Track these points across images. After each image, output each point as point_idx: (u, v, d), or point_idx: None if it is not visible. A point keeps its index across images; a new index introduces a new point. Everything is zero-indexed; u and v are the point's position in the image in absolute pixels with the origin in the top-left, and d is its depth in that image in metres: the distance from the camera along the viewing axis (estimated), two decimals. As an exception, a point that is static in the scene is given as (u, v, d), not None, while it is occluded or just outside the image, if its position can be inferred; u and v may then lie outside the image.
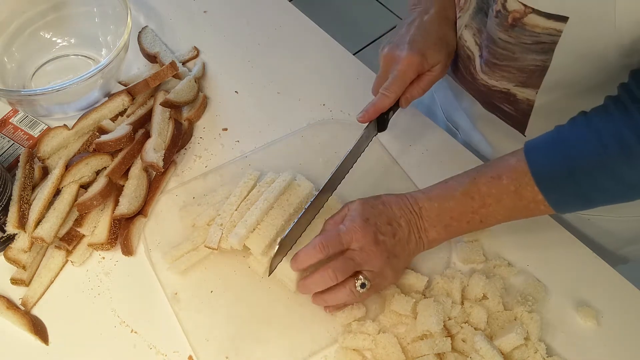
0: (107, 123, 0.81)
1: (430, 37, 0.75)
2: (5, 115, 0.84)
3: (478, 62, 0.74)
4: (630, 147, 0.56)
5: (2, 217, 0.71)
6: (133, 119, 0.81)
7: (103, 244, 0.73)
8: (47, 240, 0.70)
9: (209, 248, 0.70)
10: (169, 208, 0.78)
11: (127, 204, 0.74)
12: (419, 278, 0.70)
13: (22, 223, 0.70)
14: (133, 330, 0.69)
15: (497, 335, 0.66)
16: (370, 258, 0.65)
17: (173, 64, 0.83)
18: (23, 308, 0.70)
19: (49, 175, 0.75)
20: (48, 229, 0.70)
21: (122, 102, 0.82)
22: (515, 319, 0.68)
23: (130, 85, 0.83)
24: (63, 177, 0.75)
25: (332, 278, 0.64)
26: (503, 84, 0.73)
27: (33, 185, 0.75)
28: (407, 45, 0.73)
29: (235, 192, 0.73)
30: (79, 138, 0.81)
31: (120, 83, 0.88)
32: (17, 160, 0.77)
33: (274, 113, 0.88)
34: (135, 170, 0.78)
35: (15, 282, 0.71)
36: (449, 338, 0.65)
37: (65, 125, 0.81)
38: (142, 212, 0.76)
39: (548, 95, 0.70)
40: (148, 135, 0.80)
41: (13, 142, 0.81)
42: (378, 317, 0.69)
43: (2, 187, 0.70)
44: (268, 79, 0.92)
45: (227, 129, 0.86)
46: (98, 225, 0.74)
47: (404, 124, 0.86)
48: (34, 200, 0.72)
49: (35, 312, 0.70)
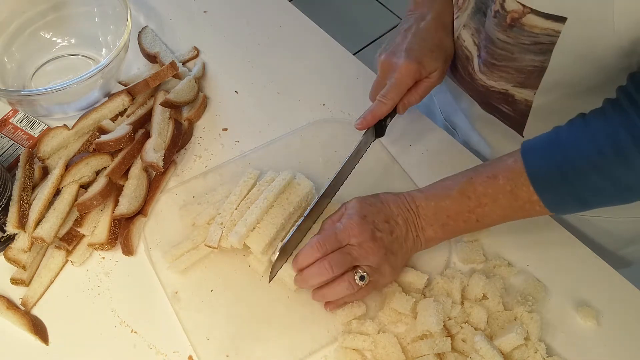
0: (107, 123, 0.81)
1: (427, 44, 0.75)
2: (5, 115, 0.84)
3: (476, 62, 0.74)
4: (626, 149, 0.56)
5: (2, 217, 0.71)
6: (133, 119, 0.81)
7: (103, 244, 0.73)
8: (47, 240, 0.70)
9: (209, 247, 0.70)
10: (169, 207, 0.78)
11: (127, 204, 0.74)
12: (419, 276, 0.70)
13: (22, 223, 0.70)
14: (133, 330, 0.69)
15: (497, 335, 0.66)
16: (368, 254, 0.65)
17: (173, 64, 0.83)
18: (23, 308, 0.70)
19: (49, 175, 0.75)
20: (48, 229, 0.70)
21: (122, 102, 0.82)
22: (515, 319, 0.68)
23: (130, 85, 0.83)
24: (63, 177, 0.75)
25: (328, 270, 0.64)
26: (501, 85, 0.73)
27: (33, 185, 0.75)
28: (404, 53, 0.73)
29: (235, 191, 0.74)
30: (79, 138, 0.81)
31: (120, 83, 0.88)
32: (17, 160, 0.77)
33: (274, 113, 0.88)
34: (135, 170, 0.78)
35: (15, 282, 0.71)
36: (449, 338, 0.65)
37: (65, 125, 0.81)
38: (142, 211, 0.76)
39: (546, 96, 0.70)
40: (148, 135, 0.80)
41: (13, 142, 0.81)
42: (377, 314, 0.69)
43: (2, 187, 0.70)
44: (268, 79, 0.92)
45: (227, 129, 0.86)
46: (98, 225, 0.75)
47: (404, 124, 0.86)
48: (34, 200, 0.72)
49: (35, 312, 0.70)
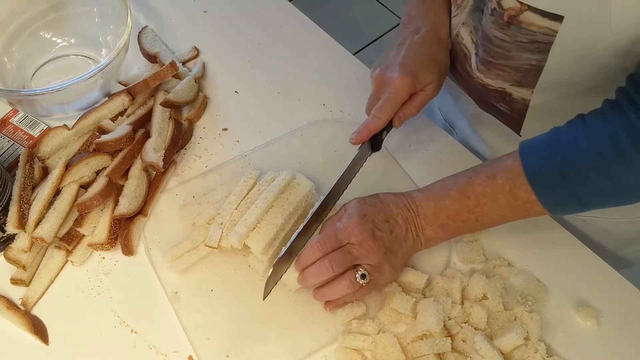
0: (107, 123, 0.81)
1: (421, 57, 0.74)
2: (5, 115, 0.84)
3: (474, 60, 0.74)
4: (626, 149, 0.56)
5: (2, 217, 0.71)
6: (133, 119, 0.81)
7: (103, 244, 0.73)
8: (47, 240, 0.70)
9: (209, 247, 0.70)
10: (169, 207, 0.78)
11: (127, 204, 0.74)
12: (419, 276, 0.70)
13: (22, 223, 0.70)
14: (133, 330, 0.69)
15: (497, 335, 0.66)
16: (368, 253, 0.65)
17: (173, 64, 0.83)
18: (23, 308, 0.70)
19: (49, 175, 0.75)
20: (48, 229, 0.70)
21: (122, 102, 0.82)
22: (515, 319, 0.68)
23: (130, 85, 0.83)
24: (63, 177, 0.75)
25: (328, 269, 0.64)
26: (498, 83, 0.73)
27: (33, 185, 0.75)
28: (398, 67, 0.73)
29: (235, 191, 0.74)
30: (79, 138, 0.81)
31: (120, 83, 0.88)
32: (17, 160, 0.77)
33: (274, 113, 0.88)
34: (135, 170, 0.78)
35: (15, 282, 0.71)
36: (449, 338, 0.65)
37: (65, 125, 0.81)
38: (142, 211, 0.76)
39: (543, 96, 0.70)
40: (148, 135, 0.80)
41: (13, 142, 0.81)
42: (377, 314, 0.69)
43: (2, 187, 0.70)
44: (268, 79, 0.92)
45: (227, 129, 0.86)
46: (98, 225, 0.75)
47: (405, 124, 0.86)
48: (34, 200, 0.72)
49: (35, 312, 0.70)
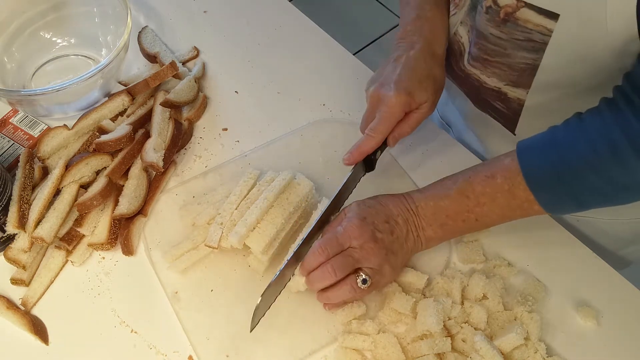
0: (107, 123, 0.81)
1: (417, 75, 0.73)
2: (5, 115, 0.84)
3: (466, 57, 0.74)
4: (622, 149, 0.55)
5: (2, 217, 0.71)
6: (133, 119, 0.81)
7: (103, 244, 0.73)
8: (47, 240, 0.70)
9: (209, 247, 0.70)
10: (169, 207, 0.78)
11: (127, 204, 0.74)
12: (419, 276, 0.70)
13: (22, 223, 0.70)
14: (133, 330, 0.69)
15: (497, 335, 0.66)
16: (369, 255, 0.65)
17: (173, 64, 0.83)
18: (23, 308, 0.70)
19: (49, 175, 0.75)
20: (48, 229, 0.70)
21: (122, 102, 0.82)
22: (515, 319, 0.68)
23: (130, 85, 0.83)
24: (63, 177, 0.75)
25: (331, 274, 0.64)
26: (494, 82, 0.73)
27: (33, 185, 0.75)
28: (393, 85, 0.71)
29: (235, 191, 0.74)
30: (79, 138, 0.81)
31: (120, 83, 0.88)
32: (17, 160, 0.77)
33: (274, 113, 0.88)
34: (135, 170, 0.78)
35: (15, 282, 0.71)
36: (449, 338, 0.65)
37: (65, 125, 0.81)
38: (142, 211, 0.76)
39: (539, 96, 0.70)
40: (148, 135, 0.80)
41: (13, 142, 0.81)
42: (377, 314, 0.69)
43: (2, 187, 0.70)
44: (268, 79, 0.92)
45: (227, 129, 0.86)
46: (98, 225, 0.75)
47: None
48: (34, 200, 0.72)
49: (35, 312, 0.70)
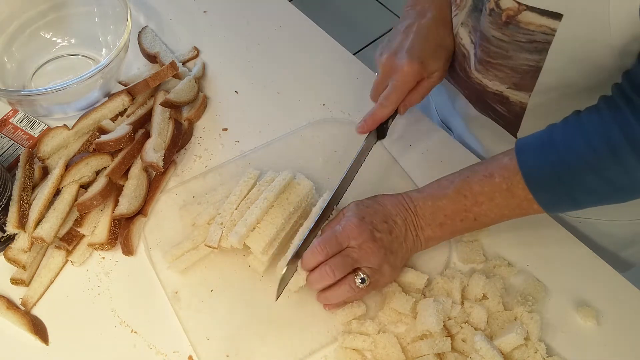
0: (107, 123, 0.81)
1: (429, 43, 0.74)
2: (5, 115, 0.84)
3: (472, 60, 0.74)
4: (620, 148, 0.55)
5: (2, 217, 0.71)
6: (133, 119, 0.81)
7: (103, 244, 0.73)
8: (47, 240, 0.70)
9: (209, 247, 0.70)
10: (169, 207, 0.78)
11: (126, 204, 0.74)
12: (419, 276, 0.70)
13: (22, 223, 0.70)
14: (133, 330, 0.69)
15: (497, 335, 0.66)
16: (368, 255, 0.65)
17: (173, 64, 0.83)
18: (23, 308, 0.70)
19: (49, 175, 0.75)
20: (48, 229, 0.70)
21: (122, 102, 0.82)
22: (515, 319, 0.68)
23: (130, 85, 0.83)
24: (63, 177, 0.75)
25: (329, 274, 0.65)
26: (496, 85, 0.73)
27: (33, 185, 0.75)
28: (406, 54, 0.72)
29: (235, 191, 0.74)
30: (79, 138, 0.81)
31: (120, 83, 0.88)
32: (17, 160, 0.76)
33: (274, 113, 0.88)
34: (135, 170, 0.78)
35: (15, 282, 0.71)
36: (449, 338, 0.65)
37: (65, 125, 0.81)
38: (142, 211, 0.76)
39: (541, 98, 0.70)
40: (148, 135, 0.80)
41: (13, 142, 0.81)
42: (377, 314, 0.69)
43: (2, 187, 0.70)
44: (268, 79, 0.92)
45: (227, 129, 0.86)
46: (98, 225, 0.74)
47: (404, 124, 0.86)
48: (34, 200, 0.72)
49: (35, 312, 0.70)
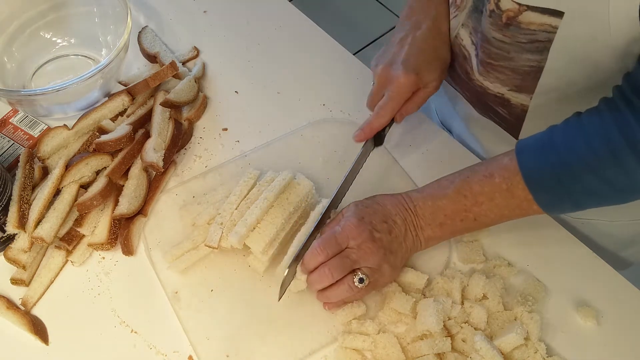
0: (107, 123, 0.81)
1: (425, 54, 0.74)
2: (5, 115, 0.84)
3: (474, 61, 0.74)
4: (620, 149, 0.55)
5: (2, 217, 0.71)
6: (133, 119, 0.81)
7: (103, 244, 0.73)
8: (47, 240, 0.70)
9: (209, 247, 0.70)
10: (169, 207, 0.78)
11: (126, 204, 0.74)
12: (419, 276, 0.70)
13: (22, 223, 0.70)
14: (133, 330, 0.69)
15: (497, 335, 0.66)
16: (367, 255, 0.65)
17: (173, 64, 0.83)
18: (23, 308, 0.70)
19: (49, 175, 0.75)
20: (48, 229, 0.70)
21: (122, 102, 0.82)
22: (515, 319, 0.68)
23: (130, 85, 0.83)
24: (63, 177, 0.75)
25: (327, 276, 0.65)
26: (497, 87, 0.73)
27: (33, 185, 0.75)
28: (401, 65, 0.72)
29: (235, 191, 0.74)
30: (79, 138, 0.81)
31: (120, 83, 0.88)
32: (17, 160, 0.77)
33: (274, 113, 0.88)
34: (135, 170, 0.78)
35: (15, 282, 0.71)
36: (449, 338, 0.65)
37: (65, 125, 0.81)
38: (142, 211, 0.76)
39: (542, 100, 0.70)
40: (148, 135, 0.80)
41: (13, 142, 0.81)
42: (377, 314, 0.69)
43: (2, 187, 0.70)
44: (268, 79, 0.92)
45: (227, 129, 0.86)
46: (98, 225, 0.74)
47: (404, 125, 0.86)
48: (34, 200, 0.72)
49: (35, 312, 0.70)
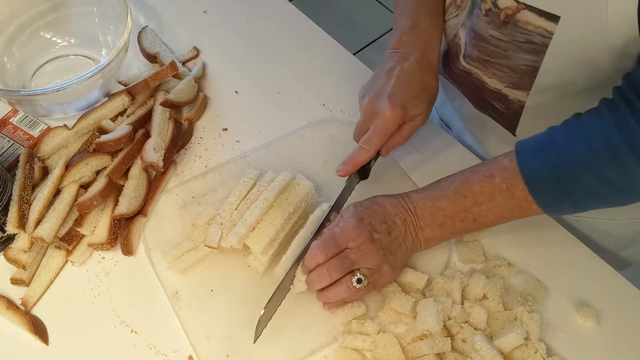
0: (107, 123, 0.81)
1: (412, 88, 0.72)
2: (5, 115, 0.84)
3: (461, 55, 0.75)
4: (620, 150, 0.55)
5: (2, 217, 0.71)
6: (133, 119, 0.81)
7: (103, 244, 0.73)
8: (47, 240, 0.70)
9: (209, 247, 0.70)
10: (169, 207, 0.78)
11: (126, 204, 0.74)
12: (419, 276, 0.70)
13: (22, 223, 0.70)
14: (133, 330, 0.69)
15: (497, 335, 0.66)
16: (366, 255, 0.65)
17: (173, 64, 0.83)
18: (23, 308, 0.70)
19: (49, 175, 0.75)
20: (48, 229, 0.70)
21: (122, 102, 0.82)
22: (515, 319, 0.68)
23: (130, 85, 0.84)
24: (63, 177, 0.75)
25: (326, 276, 0.65)
26: (495, 83, 0.73)
27: (33, 185, 0.75)
28: (387, 99, 0.71)
29: (235, 191, 0.74)
30: (79, 138, 0.81)
31: (120, 83, 0.88)
32: (17, 160, 0.77)
33: (274, 113, 0.88)
34: (135, 170, 0.78)
35: (15, 282, 0.71)
36: (449, 338, 0.65)
37: (65, 125, 0.81)
38: (142, 211, 0.76)
39: (539, 97, 0.70)
40: (148, 135, 0.80)
41: (13, 142, 0.81)
42: (377, 314, 0.69)
43: (2, 187, 0.70)
44: (268, 79, 0.92)
45: (227, 129, 0.86)
46: (98, 225, 0.75)
47: (404, 124, 0.86)
48: (34, 200, 0.72)
49: (35, 312, 0.70)
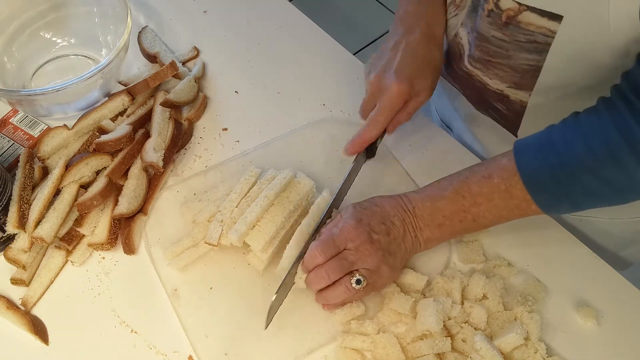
0: (107, 123, 0.81)
1: (418, 62, 0.73)
2: (5, 115, 0.84)
3: (466, 56, 0.74)
4: (618, 149, 0.55)
5: (2, 217, 0.71)
6: (133, 119, 0.81)
7: (103, 244, 0.73)
8: (47, 240, 0.70)
9: (209, 244, 0.70)
10: (170, 204, 0.78)
11: (126, 204, 0.74)
12: (419, 277, 0.70)
13: (22, 223, 0.70)
14: (133, 330, 0.69)
15: (497, 335, 0.66)
16: (365, 256, 0.65)
17: (173, 64, 0.83)
18: (23, 308, 0.70)
19: (49, 175, 0.75)
20: (48, 229, 0.70)
21: (122, 102, 0.82)
22: (515, 319, 0.68)
23: (130, 85, 0.84)
24: (63, 177, 0.75)
25: (324, 277, 0.65)
26: (496, 84, 0.73)
27: (33, 185, 0.75)
28: (394, 74, 0.71)
29: (236, 188, 0.74)
30: (79, 138, 0.81)
31: (120, 83, 0.88)
32: (17, 160, 0.77)
33: (274, 113, 0.88)
34: (135, 170, 0.78)
35: (15, 282, 0.71)
36: (449, 338, 0.65)
37: (65, 125, 0.81)
38: (142, 210, 0.76)
39: (541, 98, 0.70)
40: (148, 135, 0.80)
41: (13, 142, 0.81)
42: (377, 315, 0.69)
43: (2, 187, 0.70)
44: (268, 79, 0.92)
45: (227, 129, 0.86)
46: (98, 225, 0.75)
47: (405, 124, 0.86)
48: (34, 200, 0.72)
49: (35, 312, 0.70)
